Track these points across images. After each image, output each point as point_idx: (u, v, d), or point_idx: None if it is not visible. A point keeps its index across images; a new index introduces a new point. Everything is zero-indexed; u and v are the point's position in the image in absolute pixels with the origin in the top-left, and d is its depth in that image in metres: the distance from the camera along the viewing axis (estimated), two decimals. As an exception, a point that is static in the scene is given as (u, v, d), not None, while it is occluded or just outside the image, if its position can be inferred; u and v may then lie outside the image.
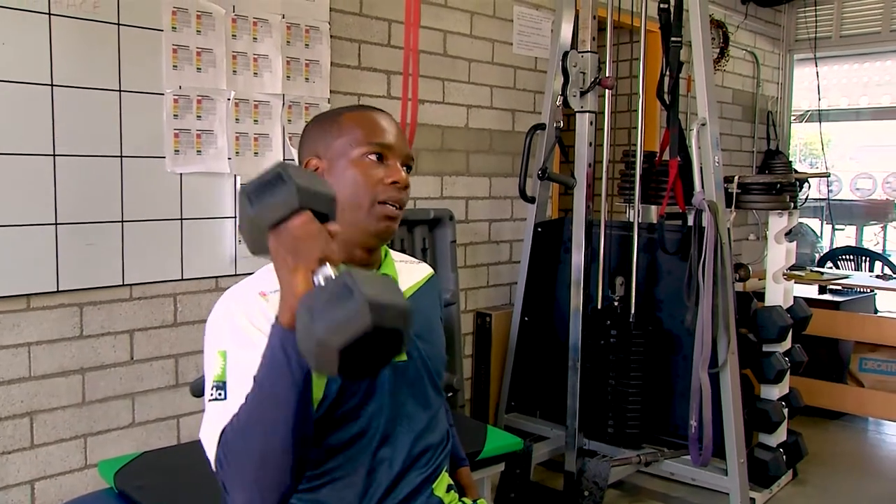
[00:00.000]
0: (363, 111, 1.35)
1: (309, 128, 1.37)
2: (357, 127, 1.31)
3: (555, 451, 3.36)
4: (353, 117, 1.33)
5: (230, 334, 1.19)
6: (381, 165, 1.30)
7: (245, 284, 1.28)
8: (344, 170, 1.29)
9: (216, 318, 1.23)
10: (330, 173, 1.29)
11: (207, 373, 1.21)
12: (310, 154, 1.33)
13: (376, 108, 1.38)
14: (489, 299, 3.75)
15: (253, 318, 1.19)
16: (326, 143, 1.31)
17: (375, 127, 1.31)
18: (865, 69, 8.15)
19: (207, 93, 2.58)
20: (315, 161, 1.31)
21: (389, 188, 1.29)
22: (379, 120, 1.33)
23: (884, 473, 3.75)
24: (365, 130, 1.30)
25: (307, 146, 1.35)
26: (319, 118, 1.38)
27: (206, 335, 1.24)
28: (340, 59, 2.99)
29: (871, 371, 4.29)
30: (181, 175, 2.54)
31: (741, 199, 3.24)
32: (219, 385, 1.17)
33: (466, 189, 3.57)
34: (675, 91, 3.22)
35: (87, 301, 2.36)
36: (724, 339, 2.95)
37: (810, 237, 6.62)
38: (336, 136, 1.31)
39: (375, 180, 1.28)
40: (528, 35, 3.82)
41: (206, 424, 1.18)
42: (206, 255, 2.62)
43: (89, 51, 2.30)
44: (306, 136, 1.36)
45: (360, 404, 1.25)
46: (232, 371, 1.16)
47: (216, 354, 1.19)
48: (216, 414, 1.16)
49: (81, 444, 2.38)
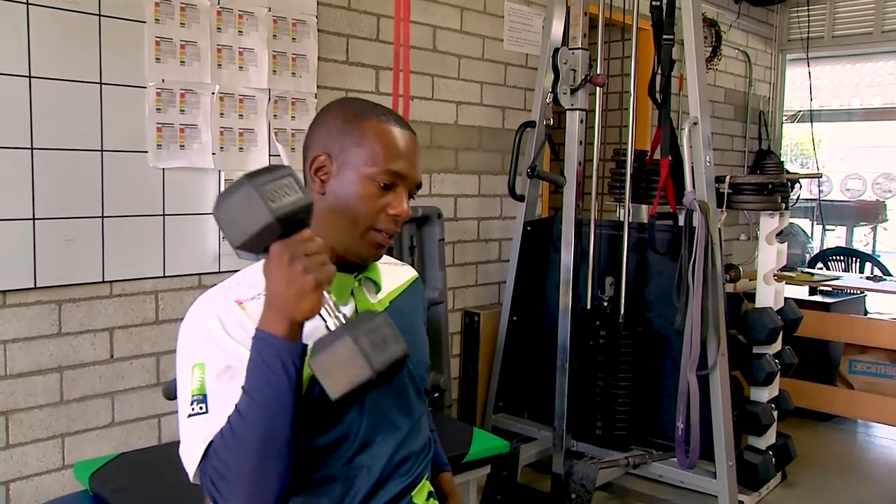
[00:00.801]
0: (390, 125, 1.25)
1: (328, 118, 1.27)
2: (379, 144, 1.23)
3: (542, 452, 3.33)
4: (377, 129, 1.24)
5: (206, 346, 1.15)
6: (388, 192, 1.23)
7: (219, 291, 1.23)
8: (350, 183, 1.22)
9: (190, 328, 1.19)
10: (336, 179, 1.23)
11: (183, 386, 1.16)
12: (322, 148, 1.25)
13: (405, 122, 1.29)
14: (477, 298, 3.72)
15: (229, 328, 1.15)
16: (342, 146, 1.24)
17: (396, 151, 1.24)
18: (857, 70, 8.16)
19: (191, 86, 2.53)
20: (324, 158, 1.24)
21: (389, 219, 1.24)
22: (402, 143, 1.25)
23: (873, 476, 3.73)
24: (385, 152, 1.23)
25: (322, 138, 1.26)
26: (344, 109, 1.28)
27: (178, 344, 1.20)
28: (328, 53, 2.95)
29: (860, 373, 4.27)
30: (164, 170, 2.49)
31: (732, 199, 3.21)
32: (199, 398, 1.13)
33: (455, 187, 3.54)
34: (667, 89, 3.19)
35: (65, 298, 2.31)
36: (713, 340, 2.93)
37: (801, 238, 6.62)
38: (355, 143, 1.23)
39: (378, 208, 1.23)
40: (518, 31, 3.78)
41: (189, 441, 1.14)
42: (188, 252, 2.58)
43: (69, 42, 2.25)
44: (323, 126, 1.27)
45: (341, 409, 1.21)
46: (212, 383, 1.13)
47: (193, 367, 1.15)
48: (199, 429, 1.12)
49: (59, 444, 2.33)
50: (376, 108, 1.28)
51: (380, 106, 1.29)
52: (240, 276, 1.27)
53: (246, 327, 1.14)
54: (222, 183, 2.62)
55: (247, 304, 1.17)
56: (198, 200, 2.58)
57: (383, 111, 1.28)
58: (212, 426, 1.10)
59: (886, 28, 5.73)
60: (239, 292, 1.19)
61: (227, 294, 1.20)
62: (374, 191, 1.22)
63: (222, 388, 1.12)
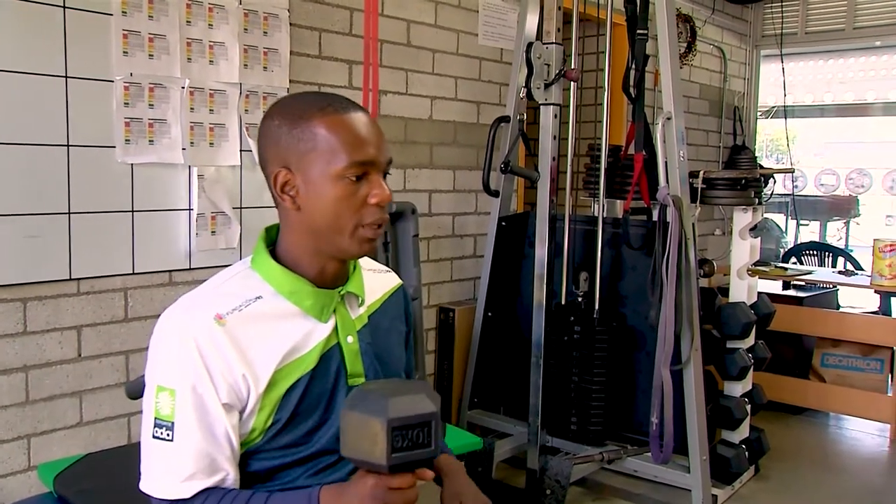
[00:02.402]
0: (338, 114, 1.17)
1: (273, 129, 1.19)
2: (334, 139, 1.15)
3: (517, 448, 3.33)
4: (329, 124, 1.16)
5: (179, 373, 1.13)
6: (363, 182, 1.18)
7: (199, 300, 1.19)
8: (321, 188, 1.16)
9: (165, 345, 1.16)
10: (305, 190, 1.17)
11: (149, 402, 1.15)
12: (278, 164, 1.18)
13: (348, 102, 1.21)
14: (452, 294, 3.70)
15: (206, 355, 1.12)
16: (299, 154, 1.16)
17: (356, 139, 1.16)
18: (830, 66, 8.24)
19: (160, 80, 2.49)
20: (286, 173, 1.17)
21: (373, 209, 1.18)
22: (358, 128, 1.17)
23: (844, 468, 3.77)
24: (345, 144, 1.15)
25: (274, 153, 1.19)
26: (285, 115, 1.19)
27: (150, 354, 1.17)
28: (300, 47, 2.92)
29: (832, 366, 4.31)
30: (132, 165, 2.45)
31: (706, 194, 3.22)
32: (166, 424, 1.13)
33: (430, 182, 3.52)
34: (641, 85, 3.19)
35: (31, 296, 2.26)
36: (687, 335, 2.93)
37: (775, 232, 6.67)
38: (310, 147, 1.16)
39: (358, 203, 1.17)
40: (493, 26, 3.77)
41: (152, 468, 1.15)
42: (158, 249, 2.54)
43: (32, 34, 2.20)
44: (271, 139, 1.19)
45: (312, 430, 1.20)
46: (181, 414, 1.12)
47: (162, 389, 1.13)
48: (163, 458, 1.13)
49: (24, 444, 2.28)
50: (315, 99, 1.20)
51: (317, 95, 1.22)
52: (219, 280, 1.23)
53: (223, 350, 1.13)
54: (193, 178, 2.58)
55: (227, 318, 1.15)
56: (168, 196, 2.54)
57: (323, 101, 1.20)
58: (176, 459, 1.12)
59: (858, 25, 5.78)
60: (218, 304, 1.17)
61: (206, 306, 1.16)
62: (349, 187, 1.16)
63: (190, 419, 1.12)
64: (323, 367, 1.21)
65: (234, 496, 1.14)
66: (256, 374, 1.15)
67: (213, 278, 1.25)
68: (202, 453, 1.13)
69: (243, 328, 1.15)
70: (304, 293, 1.21)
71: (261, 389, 1.15)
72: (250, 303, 1.18)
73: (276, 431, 1.17)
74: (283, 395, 1.17)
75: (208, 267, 2.65)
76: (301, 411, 1.18)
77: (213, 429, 1.13)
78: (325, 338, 1.21)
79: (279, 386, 1.16)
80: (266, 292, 1.20)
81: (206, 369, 1.12)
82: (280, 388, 1.16)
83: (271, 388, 1.16)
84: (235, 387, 1.14)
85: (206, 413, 1.12)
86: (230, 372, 1.13)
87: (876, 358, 4.19)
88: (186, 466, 1.13)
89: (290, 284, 1.21)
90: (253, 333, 1.16)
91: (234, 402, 1.14)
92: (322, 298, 1.22)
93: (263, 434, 1.17)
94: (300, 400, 1.18)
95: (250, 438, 1.18)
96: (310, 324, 1.21)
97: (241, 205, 2.73)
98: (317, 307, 1.21)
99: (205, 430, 1.13)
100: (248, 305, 1.18)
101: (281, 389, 1.16)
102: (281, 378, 1.16)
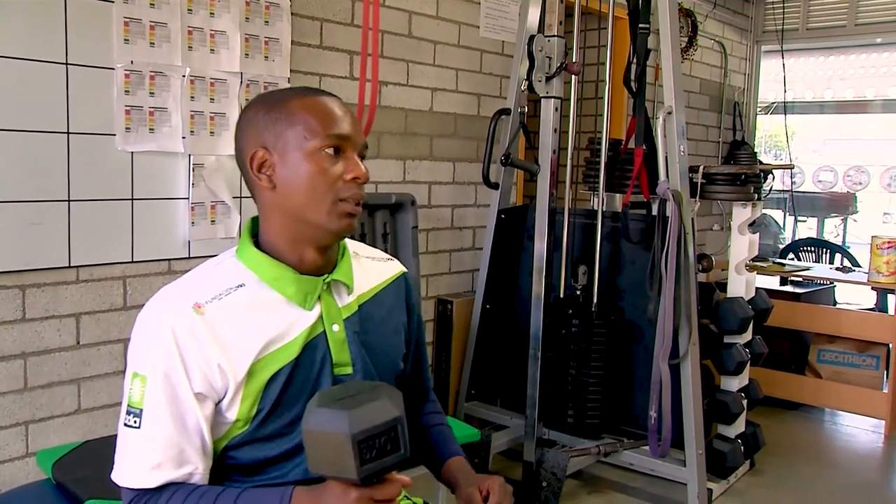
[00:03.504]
0: (313, 97, 1.21)
1: (251, 113, 1.23)
2: (310, 115, 1.18)
3: (514, 440, 3.33)
4: (304, 104, 1.19)
5: (151, 359, 1.13)
6: (338, 159, 1.19)
7: (178, 290, 1.19)
8: (298, 165, 1.18)
9: (142, 331, 1.16)
10: (282, 167, 1.19)
11: (125, 387, 1.15)
12: (255, 144, 1.20)
13: (325, 91, 1.26)
14: (451, 286, 3.71)
15: (180, 340, 1.13)
16: (276, 133, 1.19)
17: (330, 116, 1.19)
18: (830, 62, 8.23)
19: (161, 69, 2.48)
20: (263, 153, 1.19)
21: (350, 185, 1.19)
22: (332, 107, 1.21)
23: (839, 464, 3.79)
24: (319, 120, 1.18)
25: (251, 134, 1.21)
26: (262, 102, 1.23)
27: (131, 340, 1.18)
28: (301, 37, 2.91)
29: (828, 362, 4.33)
30: (132, 154, 2.44)
31: (706, 189, 3.22)
32: (135, 412, 1.13)
33: (429, 174, 3.52)
34: (642, 79, 3.19)
35: (30, 283, 2.26)
36: (685, 329, 2.94)
37: (773, 228, 6.68)
38: (286, 125, 1.18)
39: (334, 177, 1.18)
40: (495, 18, 3.76)
41: (121, 455, 1.15)
42: (158, 237, 2.54)
43: (33, 21, 2.19)
44: (248, 121, 1.22)
45: (296, 419, 1.18)
46: (149, 401, 1.12)
47: (135, 376, 1.14)
48: (130, 444, 1.14)
49: (22, 431, 2.29)
50: (293, 89, 1.25)
51: (294, 87, 1.26)
52: (202, 270, 1.23)
53: (199, 339, 1.13)
54: (191, 167, 2.58)
55: (206, 307, 1.15)
56: (167, 185, 2.54)
57: (302, 90, 1.24)
58: (143, 446, 1.12)
59: (860, 21, 5.78)
60: (198, 293, 1.17)
61: (185, 295, 1.17)
62: (325, 162, 1.18)
63: (159, 407, 1.12)
64: (307, 355, 1.20)
65: (202, 492, 1.13)
66: (234, 363, 1.14)
67: (197, 267, 1.25)
68: (170, 442, 1.12)
69: (222, 317, 1.15)
70: (286, 280, 1.20)
71: (239, 378, 1.14)
72: (231, 291, 1.18)
73: (260, 420, 1.17)
74: (265, 384, 1.16)
75: (207, 256, 2.62)
76: (284, 400, 1.18)
77: (183, 419, 1.13)
78: (309, 326, 1.21)
79: (261, 375, 1.16)
80: (249, 280, 1.20)
81: (181, 358, 1.12)
82: (262, 377, 1.16)
83: (252, 377, 1.15)
84: (210, 376, 1.13)
85: (177, 402, 1.12)
86: (206, 361, 1.13)
87: (872, 354, 4.20)
88: (153, 455, 1.12)
89: (273, 271, 1.20)
90: (232, 322, 1.16)
91: (208, 392, 1.14)
92: (305, 285, 1.21)
93: (249, 423, 1.17)
94: (283, 388, 1.17)
95: (235, 429, 1.18)
96: (294, 312, 1.20)
97: (240, 194, 2.72)
98: (300, 294, 1.20)
99: (175, 419, 1.12)
100: (229, 294, 1.18)
101: (263, 378, 1.16)
102: (262, 367, 1.16)
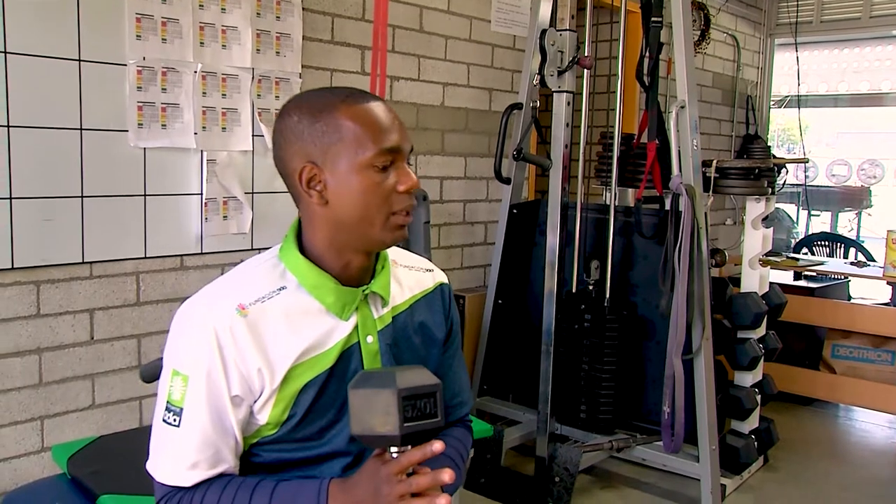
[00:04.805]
0: (360, 104, 1.16)
1: (292, 121, 1.17)
2: (359, 127, 1.14)
3: (526, 435, 3.33)
4: (352, 114, 1.15)
5: (194, 359, 1.13)
6: (389, 170, 1.16)
7: (223, 289, 1.18)
8: (348, 179, 1.14)
9: (184, 329, 1.16)
10: (332, 182, 1.15)
11: (163, 383, 1.15)
12: (302, 159, 1.16)
13: (368, 93, 1.20)
14: (463, 281, 3.70)
15: (223, 342, 1.12)
16: (323, 147, 1.14)
17: (380, 126, 1.15)
18: (845, 55, 8.17)
19: (173, 65, 2.49)
20: (311, 168, 1.15)
21: (403, 197, 1.17)
22: (381, 116, 1.16)
23: (853, 460, 3.76)
24: (370, 132, 1.14)
25: (296, 146, 1.16)
26: (304, 108, 1.17)
27: (170, 335, 1.17)
28: (313, 32, 2.91)
29: (842, 357, 4.30)
30: (145, 149, 2.45)
31: (719, 183, 3.20)
32: (175, 410, 1.13)
33: (441, 169, 3.51)
34: (655, 73, 3.17)
35: (44, 279, 2.27)
36: (698, 325, 2.93)
37: (786, 223, 6.64)
38: (335, 137, 1.14)
39: (388, 191, 1.16)
40: (506, 12, 3.75)
41: (158, 451, 1.16)
42: (170, 233, 2.55)
43: (46, 17, 2.20)
44: (291, 131, 1.17)
45: (326, 427, 1.19)
46: (190, 400, 1.13)
47: (176, 374, 1.14)
48: (168, 441, 1.14)
49: (38, 426, 2.30)
50: (332, 92, 1.19)
51: (332, 88, 1.22)
52: (248, 268, 1.23)
53: (241, 341, 1.13)
54: (204, 163, 2.58)
55: (249, 308, 1.14)
56: (180, 180, 2.54)
57: (341, 93, 1.19)
58: (181, 444, 1.13)
59: (874, 13, 5.72)
60: (242, 293, 1.16)
61: (229, 295, 1.16)
62: (376, 176, 1.15)
63: (199, 407, 1.12)
64: (342, 365, 1.19)
65: (238, 484, 1.14)
66: (273, 368, 1.14)
67: (240, 266, 1.24)
68: (208, 443, 1.13)
69: (264, 320, 1.15)
70: (326, 289, 1.19)
71: (276, 384, 1.14)
72: (274, 295, 1.17)
73: (291, 426, 1.17)
74: (299, 391, 1.16)
75: (219, 251, 2.66)
76: (316, 408, 1.17)
77: (221, 420, 1.13)
78: (345, 336, 1.20)
79: (296, 381, 1.15)
80: (290, 283, 1.19)
81: (222, 360, 1.12)
82: (296, 384, 1.16)
83: (287, 383, 1.15)
84: (249, 379, 1.13)
85: (217, 404, 1.12)
86: (245, 364, 1.13)
87: (887, 349, 4.17)
88: (190, 454, 1.13)
89: (314, 279, 1.19)
90: (274, 327, 1.15)
91: (245, 395, 1.14)
92: (344, 296, 1.20)
93: (279, 427, 1.17)
94: (316, 397, 1.17)
95: (265, 430, 1.17)
96: (332, 321, 1.19)
97: (252, 190, 2.73)
98: (338, 305, 1.19)
99: (214, 421, 1.13)
100: (272, 297, 1.17)
101: (297, 385, 1.16)
102: (298, 374, 1.15)
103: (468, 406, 1.46)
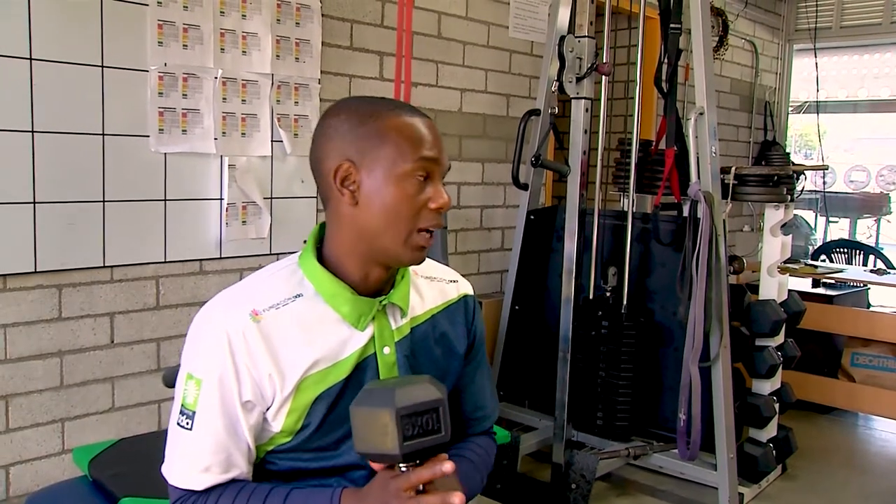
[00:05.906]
0: (408, 116, 1.18)
1: (337, 122, 1.18)
2: (403, 137, 1.15)
3: (543, 442, 3.32)
4: (398, 124, 1.16)
5: (208, 363, 1.14)
6: (425, 185, 1.17)
7: (238, 294, 1.19)
8: (384, 186, 1.15)
9: (199, 333, 1.16)
10: (365, 183, 1.16)
11: (179, 386, 1.17)
12: (340, 156, 1.16)
13: (416, 109, 1.22)
14: (480, 287, 3.71)
15: (235, 347, 1.12)
16: (364, 149, 1.15)
17: (423, 140, 1.16)
18: (865, 61, 8.10)
19: (194, 70, 2.51)
20: (348, 166, 1.15)
21: (432, 214, 1.17)
22: (426, 131, 1.17)
23: (873, 469, 3.73)
24: (412, 143, 1.15)
25: (336, 144, 1.17)
26: (352, 112, 1.18)
27: (187, 339, 1.18)
28: (332, 38, 2.93)
29: (862, 366, 4.26)
30: (166, 155, 2.48)
31: (737, 190, 3.18)
32: (188, 413, 1.14)
33: (459, 174, 3.52)
34: (673, 79, 3.16)
35: (66, 282, 2.30)
36: (716, 332, 2.91)
37: (805, 229, 6.60)
38: (378, 142, 1.15)
39: (420, 205, 1.16)
40: (524, 18, 3.75)
41: (172, 454, 1.17)
42: (190, 238, 2.57)
43: (70, 25, 2.23)
44: (335, 130, 1.18)
45: (341, 439, 1.18)
46: (203, 403, 1.13)
47: (190, 377, 1.15)
48: (181, 444, 1.15)
49: (58, 428, 2.33)
50: (383, 102, 1.21)
51: (385, 99, 1.23)
52: (262, 276, 1.23)
53: (253, 347, 1.13)
54: (225, 168, 2.60)
55: (263, 315, 1.14)
56: (200, 185, 2.57)
57: (392, 104, 1.21)
58: (193, 447, 1.13)
59: (895, 19, 5.68)
60: (257, 299, 1.16)
61: (244, 301, 1.16)
62: (413, 187, 1.15)
63: (212, 412, 1.13)
64: (357, 376, 1.19)
65: (251, 490, 1.14)
66: (284, 375, 1.14)
67: (259, 272, 1.24)
68: (220, 447, 1.13)
69: (277, 327, 1.15)
70: (342, 298, 1.18)
71: (287, 392, 1.14)
72: (289, 301, 1.17)
73: (307, 436, 1.17)
74: (312, 401, 1.16)
75: (238, 256, 2.68)
76: (330, 419, 1.17)
77: (234, 425, 1.14)
78: (361, 347, 1.19)
79: (309, 392, 1.15)
80: (307, 291, 1.19)
81: (234, 365, 1.12)
82: (310, 394, 1.15)
83: (300, 392, 1.15)
84: (260, 385, 1.13)
85: (229, 409, 1.13)
86: (256, 369, 1.13)
87: (907, 358, 4.13)
88: (202, 458, 1.13)
89: (331, 288, 1.19)
90: (286, 333, 1.15)
91: (257, 401, 1.14)
92: (360, 306, 1.19)
93: (293, 436, 1.17)
94: (330, 408, 1.17)
95: (279, 438, 1.18)
96: (347, 331, 1.19)
97: (271, 195, 2.74)
98: (354, 315, 1.18)
99: (226, 425, 1.13)
100: (287, 304, 1.17)
101: (311, 395, 1.15)
102: (312, 384, 1.15)
103: (492, 419, 1.45)
